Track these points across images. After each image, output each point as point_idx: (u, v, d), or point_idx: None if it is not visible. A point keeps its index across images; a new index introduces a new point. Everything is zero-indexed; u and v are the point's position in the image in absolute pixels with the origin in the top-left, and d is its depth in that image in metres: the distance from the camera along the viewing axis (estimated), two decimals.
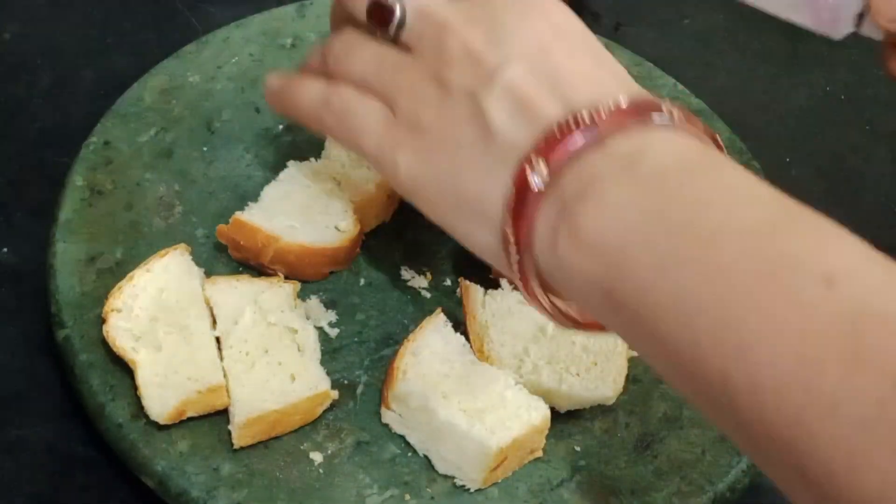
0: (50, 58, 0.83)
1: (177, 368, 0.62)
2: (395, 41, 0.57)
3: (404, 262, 0.71)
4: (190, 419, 0.61)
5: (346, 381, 0.65)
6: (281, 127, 0.77)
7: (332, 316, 0.68)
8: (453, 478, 0.62)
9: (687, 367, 0.43)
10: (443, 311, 0.66)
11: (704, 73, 0.88)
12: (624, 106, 0.48)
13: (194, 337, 0.63)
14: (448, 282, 0.70)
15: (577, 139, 0.47)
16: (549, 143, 0.48)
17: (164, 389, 0.61)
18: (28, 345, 0.67)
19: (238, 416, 0.61)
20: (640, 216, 0.45)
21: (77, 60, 0.83)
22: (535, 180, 0.48)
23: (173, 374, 0.61)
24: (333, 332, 0.67)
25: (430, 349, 0.64)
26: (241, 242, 0.67)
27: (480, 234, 0.52)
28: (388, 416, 0.63)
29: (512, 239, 0.49)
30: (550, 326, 0.65)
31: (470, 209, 0.52)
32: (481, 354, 0.65)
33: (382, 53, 0.57)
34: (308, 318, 0.66)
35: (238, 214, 0.68)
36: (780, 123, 0.87)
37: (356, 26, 0.59)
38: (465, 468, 0.61)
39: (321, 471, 0.62)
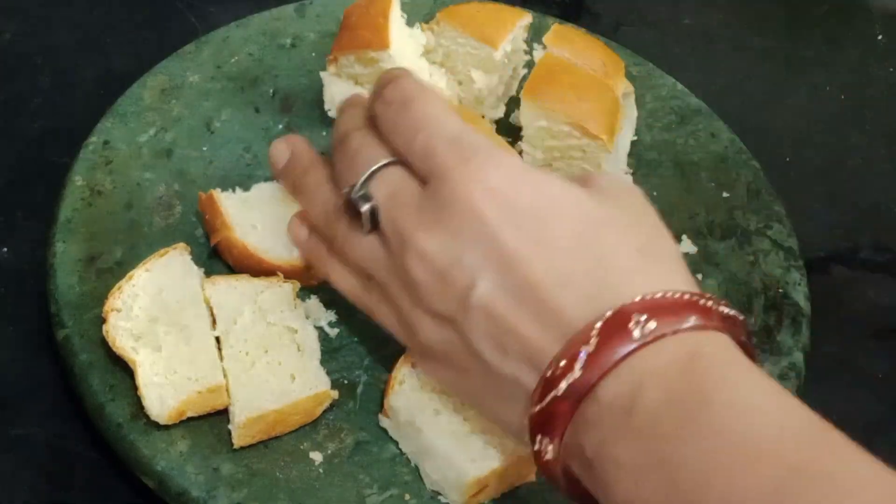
0: (50, 58, 0.83)
1: (177, 368, 0.62)
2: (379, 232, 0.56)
3: None
4: (190, 419, 0.61)
5: (346, 381, 0.65)
6: (281, 126, 0.77)
7: (331, 316, 0.68)
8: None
9: None
10: None
11: (704, 73, 0.87)
12: (597, 339, 0.47)
13: (194, 337, 0.63)
14: None
15: (569, 401, 0.48)
16: (549, 416, 0.48)
17: (164, 389, 0.61)
18: (28, 345, 0.67)
19: (238, 416, 0.61)
20: (656, 482, 0.45)
21: (77, 60, 0.83)
22: (547, 454, 0.49)
23: (173, 374, 0.61)
24: (333, 332, 0.67)
25: None
26: (206, 216, 0.69)
27: (519, 441, 0.54)
28: (384, 422, 0.63)
29: (549, 481, 0.51)
30: None
31: (506, 428, 0.55)
32: None
33: (369, 253, 0.57)
34: (308, 318, 0.66)
35: (215, 192, 0.69)
36: (780, 123, 0.87)
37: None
38: (446, 488, 0.61)
39: (321, 471, 0.61)
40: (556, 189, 0.52)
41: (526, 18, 0.77)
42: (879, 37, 0.93)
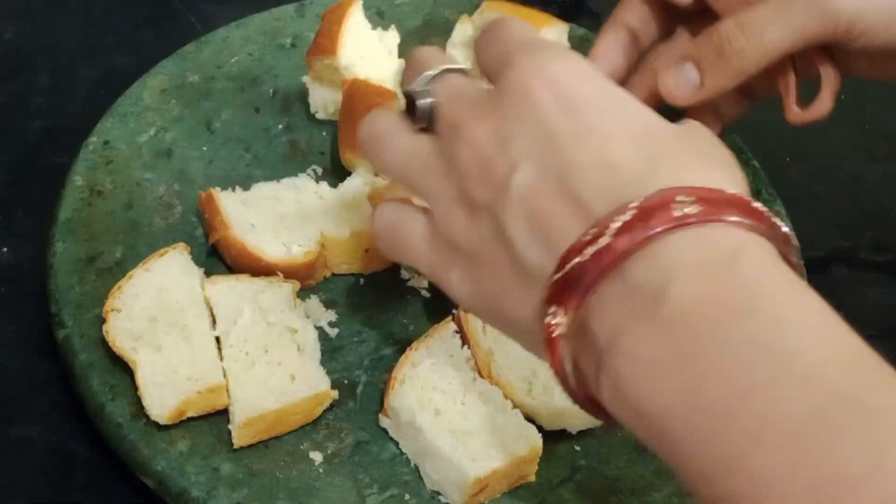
0: (50, 58, 0.83)
1: (177, 368, 0.62)
2: (430, 130, 0.54)
3: None
4: (190, 419, 0.61)
5: (346, 381, 0.65)
6: (280, 126, 0.77)
7: (331, 316, 0.68)
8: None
9: None
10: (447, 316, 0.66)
11: None
12: (635, 210, 0.43)
13: (194, 337, 0.63)
14: None
15: (591, 271, 0.43)
16: (565, 284, 0.44)
17: (164, 389, 0.61)
18: (28, 345, 0.67)
19: (238, 416, 0.61)
20: (677, 383, 0.41)
21: (77, 60, 0.83)
22: (558, 329, 0.45)
23: (173, 374, 0.61)
24: (333, 332, 0.67)
25: (432, 360, 0.64)
26: (205, 215, 0.69)
27: (534, 351, 0.50)
28: (384, 422, 0.63)
29: (555, 367, 0.46)
30: None
31: (518, 329, 0.50)
32: (490, 379, 0.64)
33: (411, 148, 0.54)
34: (308, 318, 0.66)
35: (214, 191, 0.69)
36: (780, 123, 0.87)
37: None
38: (446, 488, 0.61)
39: (321, 471, 0.61)
40: (622, 94, 0.49)
41: (557, 26, 0.77)
42: None
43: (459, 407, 0.62)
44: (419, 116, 0.54)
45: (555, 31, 0.78)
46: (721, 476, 0.40)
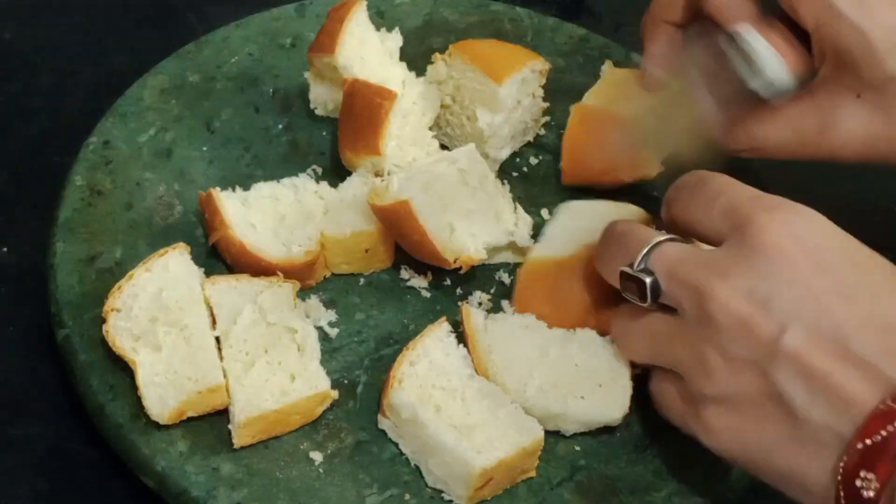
0: (50, 58, 0.83)
1: (177, 368, 0.62)
2: (659, 306, 0.57)
3: (404, 261, 0.70)
4: (190, 419, 0.61)
5: (346, 381, 0.65)
6: (280, 126, 0.77)
7: (331, 315, 0.68)
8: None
9: None
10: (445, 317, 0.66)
11: None
12: None
13: (194, 337, 0.63)
14: (448, 282, 0.70)
15: None
16: (872, 451, 0.47)
17: (164, 389, 0.61)
18: (28, 345, 0.67)
19: (238, 416, 0.61)
20: None
21: (77, 60, 0.83)
22: (866, 492, 0.47)
23: (173, 374, 0.61)
24: (333, 332, 0.67)
25: (429, 359, 0.64)
26: (205, 215, 0.69)
27: (804, 499, 0.52)
28: (383, 423, 0.63)
29: None
30: (553, 349, 0.65)
31: (791, 482, 0.52)
32: (487, 377, 0.64)
33: (652, 327, 0.57)
34: (308, 318, 0.66)
35: (213, 191, 0.69)
36: None
37: None
38: (450, 484, 0.61)
39: (321, 471, 0.61)
40: (863, 246, 0.53)
41: (538, 63, 0.76)
42: None
43: (460, 402, 0.62)
44: (651, 295, 0.56)
45: (536, 64, 0.76)
46: None
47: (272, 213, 0.69)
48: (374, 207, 0.67)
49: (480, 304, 0.69)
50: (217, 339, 0.64)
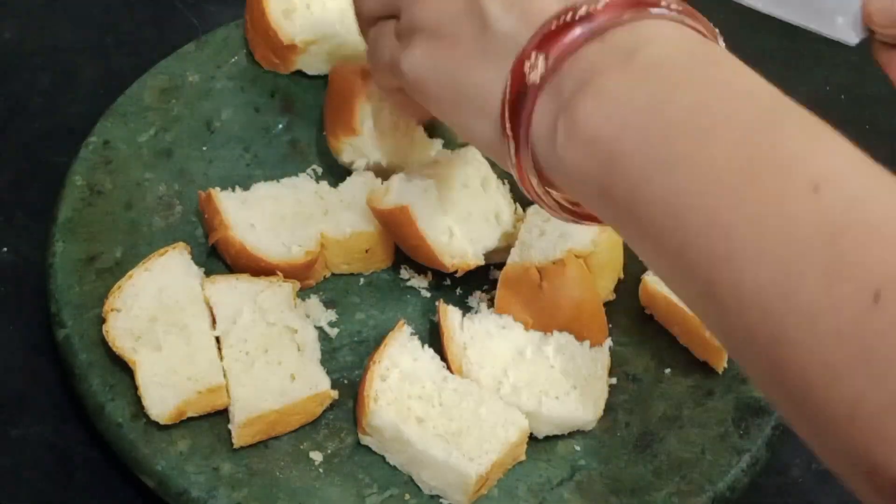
0: (50, 58, 0.83)
1: (177, 368, 0.62)
2: None
3: (404, 262, 0.70)
4: (190, 419, 0.61)
5: (346, 381, 0.65)
6: (280, 126, 0.77)
7: (331, 315, 0.68)
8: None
9: (677, 267, 0.43)
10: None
11: None
12: None
13: (194, 337, 0.63)
14: (448, 281, 0.70)
15: (576, 32, 0.46)
16: (547, 38, 0.47)
17: (164, 389, 0.61)
18: (28, 345, 0.67)
19: (238, 416, 0.61)
20: (636, 111, 0.44)
21: (77, 60, 0.83)
22: (533, 75, 0.47)
23: (173, 374, 0.61)
24: (333, 332, 0.67)
25: (399, 369, 0.63)
26: (205, 215, 0.69)
27: (480, 129, 0.51)
28: (366, 440, 0.63)
29: (510, 133, 0.48)
30: (529, 350, 0.65)
31: (470, 104, 0.51)
32: (461, 375, 0.64)
33: None
34: (308, 318, 0.66)
35: (213, 191, 0.69)
36: None
37: None
38: (448, 491, 0.60)
39: (321, 471, 0.61)
40: None
41: None
42: None
43: (439, 409, 0.61)
44: None
45: None
46: (665, 171, 0.43)
47: (272, 213, 0.69)
48: (373, 210, 0.67)
49: (481, 303, 0.69)
50: (217, 339, 0.64)
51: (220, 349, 0.63)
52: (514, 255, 0.68)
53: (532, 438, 0.63)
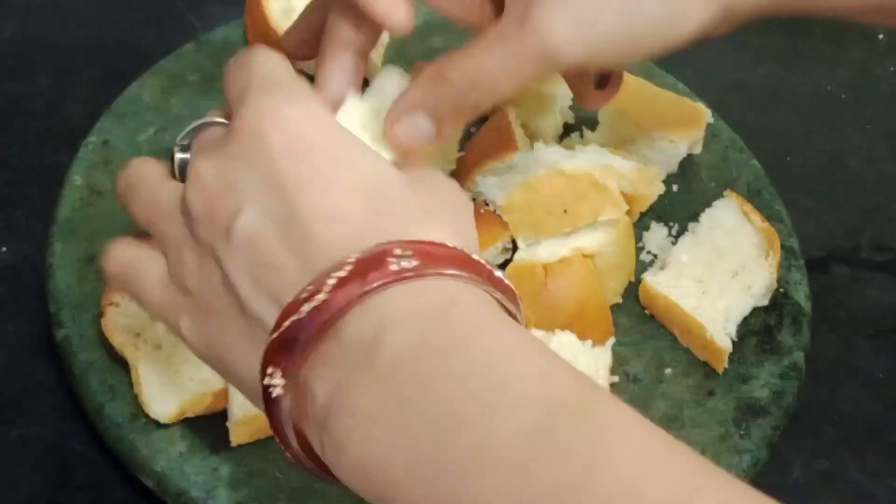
0: (50, 57, 0.83)
1: (177, 368, 0.62)
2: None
3: None
4: (189, 418, 0.61)
5: None
6: None
7: None
8: None
9: None
10: None
11: (704, 73, 0.87)
12: (352, 266, 0.42)
13: None
14: None
15: (308, 330, 0.42)
16: (282, 344, 0.43)
17: (164, 389, 0.61)
18: (28, 345, 0.67)
19: (236, 414, 0.60)
20: (394, 433, 0.41)
21: (77, 60, 0.83)
22: (275, 390, 0.43)
23: (174, 374, 0.61)
24: None
25: None
26: None
27: (256, 404, 0.47)
28: None
29: (273, 431, 0.45)
30: None
31: (245, 387, 0.48)
32: None
33: (160, 196, 0.51)
34: None
35: None
36: (780, 123, 0.87)
37: None
38: None
39: None
40: (355, 143, 0.48)
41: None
42: (880, 36, 0.93)
43: None
44: (175, 170, 0.52)
45: None
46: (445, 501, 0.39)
47: None
48: None
49: None
50: None
51: None
52: (521, 252, 0.68)
53: None
